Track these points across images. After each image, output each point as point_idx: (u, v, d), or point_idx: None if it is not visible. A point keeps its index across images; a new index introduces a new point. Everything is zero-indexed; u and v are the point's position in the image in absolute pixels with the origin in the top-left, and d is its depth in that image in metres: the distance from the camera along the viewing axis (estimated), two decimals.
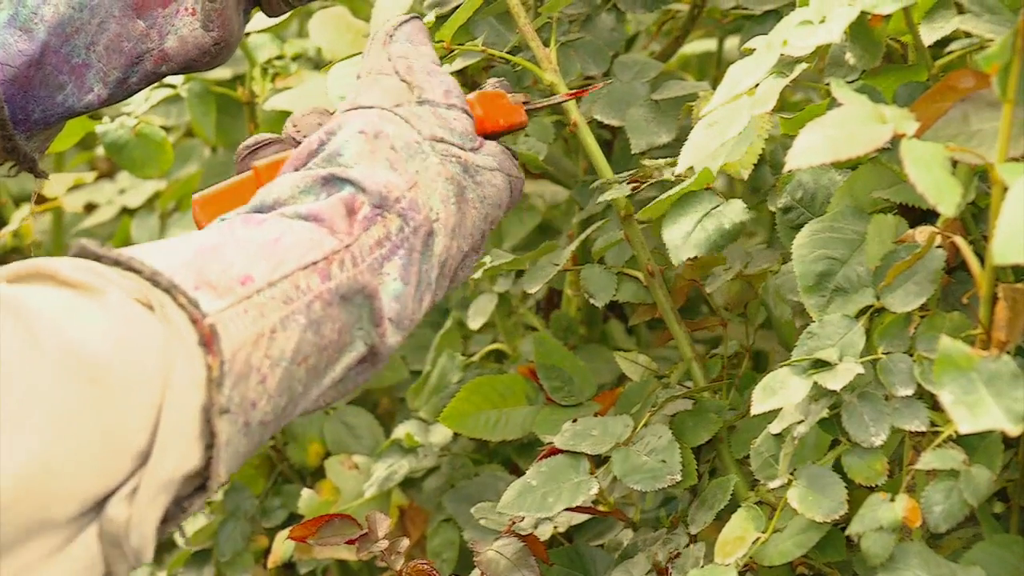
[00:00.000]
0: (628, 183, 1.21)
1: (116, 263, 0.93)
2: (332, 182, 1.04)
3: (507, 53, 1.27)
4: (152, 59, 1.21)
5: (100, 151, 2.05)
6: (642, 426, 1.22)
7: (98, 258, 0.93)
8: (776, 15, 1.36)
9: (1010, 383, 0.93)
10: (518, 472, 1.39)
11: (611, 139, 1.45)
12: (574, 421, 1.24)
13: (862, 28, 1.08)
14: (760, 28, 1.32)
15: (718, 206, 1.15)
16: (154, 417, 0.88)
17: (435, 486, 1.52)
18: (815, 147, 0.94)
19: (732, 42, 1.75)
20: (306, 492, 1.57)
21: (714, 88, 1.13)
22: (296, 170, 1.06)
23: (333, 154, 1.06)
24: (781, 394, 1.04)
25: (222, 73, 1.80)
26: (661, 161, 1.22)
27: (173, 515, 0.92)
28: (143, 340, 0.89)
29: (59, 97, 1.19)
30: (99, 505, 0.88)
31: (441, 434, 1.52)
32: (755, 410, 1.05)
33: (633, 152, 1.29)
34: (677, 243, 1.15)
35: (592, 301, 1.33)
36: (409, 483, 1.53)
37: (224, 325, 0.93)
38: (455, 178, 1.08)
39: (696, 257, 1.15)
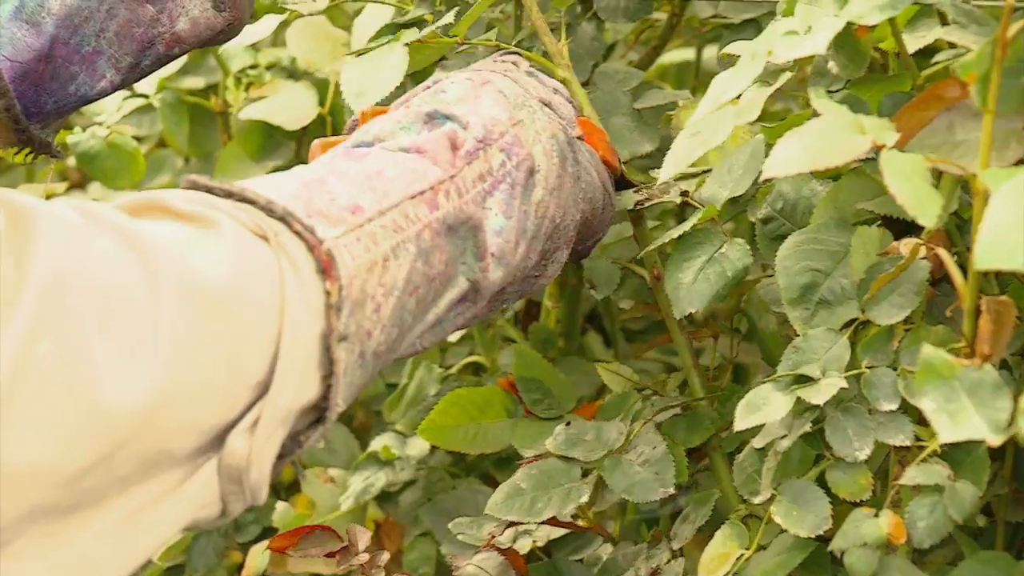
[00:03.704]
0: (635, 190, 1.19)
1: (229, 194, 0.92)
2: (435, 118, 1.04)
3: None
4: (164, 42, 1.19)
5: (71, 161, 2.03)
6: (635, 435, 1.21)
7: (210, 190, 0.92)
8: (755, 24, 1.36)
9: (992, 392, 0.92)
10: (496, 486, 1.38)
11: None
12: (568, 424, 1.23)
13: (848, 38, 1.07)
14: (739, 37, 1.32)
15: (721, 247, 1.14)
16: (272, 347, 0.88)
17: (412, 500, 1.51)
18: (793, 157, 0.93)
19: (710, 51, 1.74)
20: (280, 505, 1.55)
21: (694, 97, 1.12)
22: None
23: (438, 90, 1.06)
24: (764, 410, 1.03)
25: (195, 83, 1.78)
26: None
27: (289, 450, 0.92)
28: (258, 270, 0.88)
29: (71, 87, 1.17)
30: (216, 441, 0.87)
31: (418, 447, 1.51)
32: (738, 426, 1.04)
33: None
34: (680, 295, 1.13)
35: (594, 293, 1.32)
36: (386, 497, 1.52)
37: (340, 252, 0.92)
38: (559, 138, 1.08)
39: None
